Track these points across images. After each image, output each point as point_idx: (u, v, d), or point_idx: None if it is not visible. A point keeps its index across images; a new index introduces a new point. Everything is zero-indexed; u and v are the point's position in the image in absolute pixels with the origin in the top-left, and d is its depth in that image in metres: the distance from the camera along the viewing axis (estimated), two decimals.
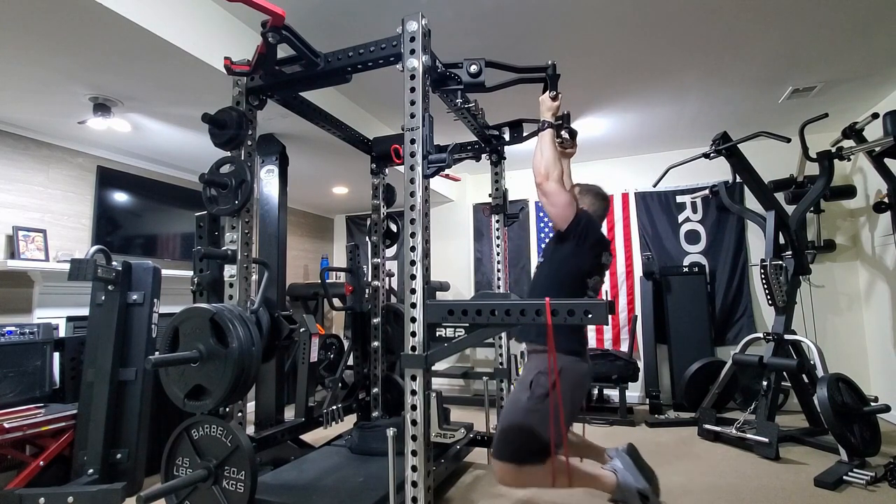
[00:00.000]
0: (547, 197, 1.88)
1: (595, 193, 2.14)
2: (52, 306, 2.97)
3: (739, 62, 2.91)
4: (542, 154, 1.90)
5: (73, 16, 1.85)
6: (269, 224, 3.17)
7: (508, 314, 1.51)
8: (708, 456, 2.93)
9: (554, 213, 1.90)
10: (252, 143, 2.03)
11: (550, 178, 1.86)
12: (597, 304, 1.40)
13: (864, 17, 2.47)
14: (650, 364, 4.15)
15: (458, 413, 3.94)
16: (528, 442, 1.80)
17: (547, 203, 1.90)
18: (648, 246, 4.53)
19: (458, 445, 2.64)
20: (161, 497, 1.56)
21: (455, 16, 2.38)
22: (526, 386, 1.87)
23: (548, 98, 2.01)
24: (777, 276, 3.21)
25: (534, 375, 1.86)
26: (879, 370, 3.75)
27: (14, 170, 2.97)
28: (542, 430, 1.78)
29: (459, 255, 5.23)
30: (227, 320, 1.63)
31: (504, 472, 1.83)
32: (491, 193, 2.93)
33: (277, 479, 2.20)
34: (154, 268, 2.44)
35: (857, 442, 2.63)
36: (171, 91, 2.55)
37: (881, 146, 3.08)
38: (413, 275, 1.60)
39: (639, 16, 2.43)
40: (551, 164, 1.87)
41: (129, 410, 2.29)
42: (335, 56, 1.89)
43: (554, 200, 1.87)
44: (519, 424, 1.83)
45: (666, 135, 4.14)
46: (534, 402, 1.82)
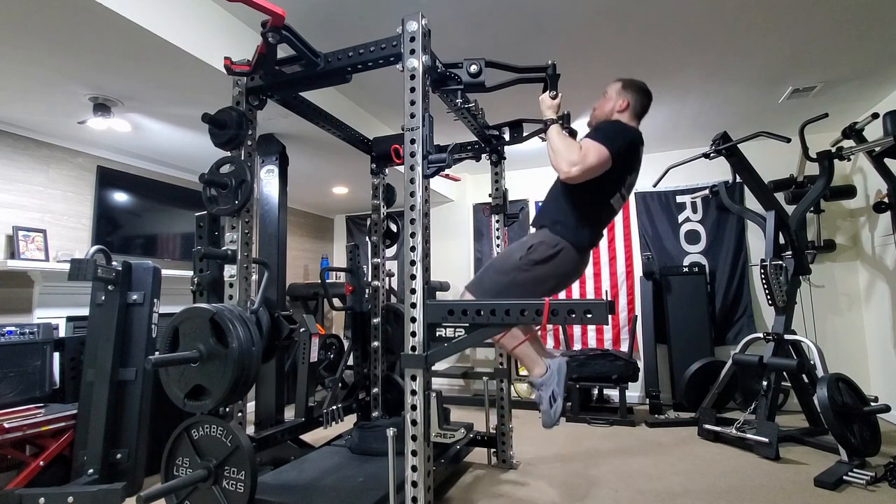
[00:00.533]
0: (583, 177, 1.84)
1: (640, 90, 2.10)
2: (52, 306, 2.97)
3: (740, 62, 2.91)
4: (555, 150, 1.89)
5: (73, 16, 1.85)
6: (269, 224, 3.17)
7: (508, 314, 1.51)
8: (708, 456, 2.93)
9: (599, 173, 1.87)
10: (252, 143, 2.03)
11: (574, 164, 1.82)
12: (597, 303, 1.40)
13: (864, 18, 2.47)
14: (650, 364, 4.15)
15: (458, 413, 3.94)
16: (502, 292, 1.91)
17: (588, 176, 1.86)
18: (648, 246, 4.53)
19: (458, 445, 2.64)
20: (161, 497, 1.56)
21: (455, 16, 2.38)
22: (526, 247, 1.96)
23: (548, 97, 2.01)
24: (777, 276, 3.21)
25: (537, 242, 1.96)
26: (879, 370, 3.75)
27: (14, 170, 2.97)
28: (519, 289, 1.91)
29: (459, 255, 5.23)
30: (227, 320, 1.63)
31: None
32: (491, 193, 2.93)
33: (277, 479, 2.20)
34: (154, 268, 2.44)
35: (857, 442, 2.63)
36: (171, 91, 2.55)
37: (881, 146, 3.08)
38: (413, 275, 1.60)
39: (639, 16, 2.43)
40: (568, 153, 1.84)
41: (129, 410, 2.29)
42: (335, 56, 1.89)
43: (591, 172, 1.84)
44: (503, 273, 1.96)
45: (666, 135, 4.14)
46: (525, 262, 1.93)
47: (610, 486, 2.49)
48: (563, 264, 1.95)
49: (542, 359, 1.99)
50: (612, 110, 2.09)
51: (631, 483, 2.53)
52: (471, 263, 5.17)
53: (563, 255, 1.94)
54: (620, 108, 2.07)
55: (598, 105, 2.16)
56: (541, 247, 1.94)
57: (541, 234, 2.00)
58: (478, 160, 2.98)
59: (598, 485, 2.51)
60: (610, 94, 2.12)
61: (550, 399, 1.91)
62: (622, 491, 2.42)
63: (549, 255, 1.93)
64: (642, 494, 2.37)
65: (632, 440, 3.29)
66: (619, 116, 2.08)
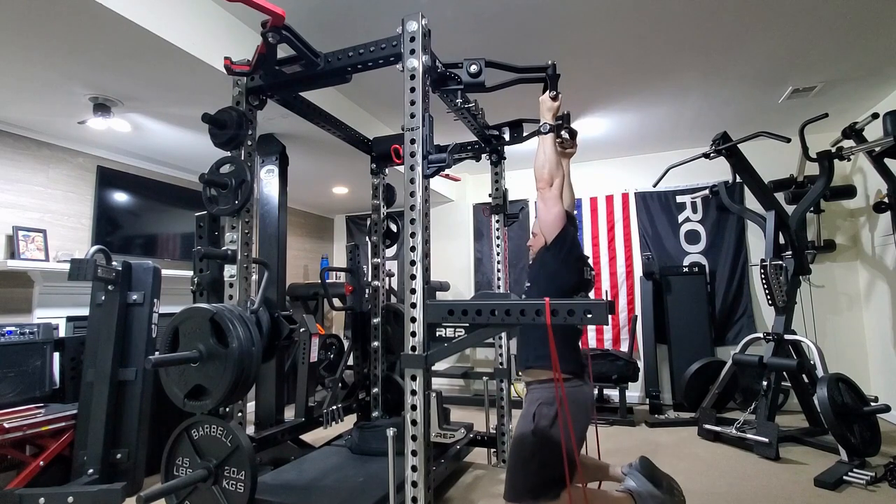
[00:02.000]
0: (545, 203, 1.87)
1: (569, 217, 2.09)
2: (52, 306, 2.97)
3: (740, 62, 2.91)
4: (546, 158, 1.89)
5: (73, 16, 1.85)
6: (269, 224, 3.17)
7: (508, 314, 1.51)
8: (708, 456, 2.93)
9: (548, 220, 1.88)
10: (252, 143, 2.03)
11: (554, 185, 1.85)
12: (597, 303, 1.40)
13: (864, 18, 2.47)
14: (650, 364, 4.15)
15: (458, 413, 3.94)
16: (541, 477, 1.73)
17: (544, 209, 1.88)
18: (648, 246, 4.53)
19: (458, 445, 2.64)
20: (161, 497, 1.56)
21: (455, 16, 2.38)
22: (529, 420, 1.80)
23: (548, 98, 2.01)
24: (777, 276, 3.21)
25: (536, 408, 1.81)
26: (879, 370, 3.75)
27: (14, 170, 2.97)
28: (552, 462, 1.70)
29: (459, 255, 5.23)
30: (227, 320, 1.63)
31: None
32: (491, 193, 2.93)
33: (277, 479, 2.20)
34: (154, 268, 2.44)
35: (857, 442, 2.63)
36: (171, 91, 2.55)
37: (881, 146, 3.08)
38: (413, 275, 1.60)
39: (639, 16, 2.43)
40: (555, 170, 1.86)
41: (129, 410, 2.29)
42: (335, 56, 1.89)
43: (550, 207, 1.86)
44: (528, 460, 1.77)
45: (666, 135, 4.14)
46: (540, 434, 1.76)
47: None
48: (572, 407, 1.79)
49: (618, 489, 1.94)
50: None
51: None
52: (471, 263, 5.17)
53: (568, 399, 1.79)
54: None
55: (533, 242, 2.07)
56: (542, 409, 1.79)
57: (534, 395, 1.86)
58: (478, 160, 2.98)
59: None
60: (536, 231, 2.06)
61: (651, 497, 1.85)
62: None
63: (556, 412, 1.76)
64: None
65: (632, 440, 3.29)
66: None
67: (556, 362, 1.59)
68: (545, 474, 1.72)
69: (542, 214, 1.90)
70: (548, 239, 1.89)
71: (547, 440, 1.74)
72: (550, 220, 1.88)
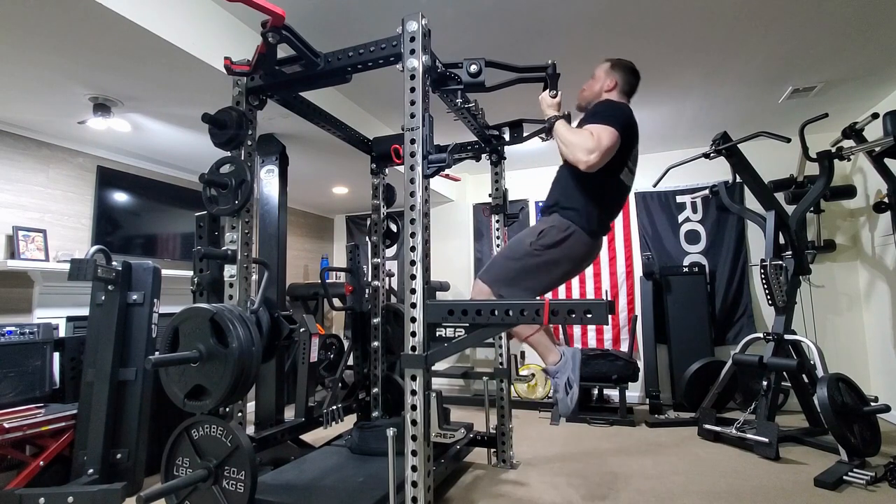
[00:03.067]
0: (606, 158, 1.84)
1: (628, 70, 2.11)
2: (52, 306, 2.97)
3: (739, 62, 2.91)
4: (570, 141, 1.87)
5: (73, 16, 1.85)
6: (269, 224, 3.17)
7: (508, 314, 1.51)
8: (708, 456, 2.93)
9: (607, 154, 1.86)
10: (252, 143, 2.03)
11: (591, 152, 1.81)
12: (597, 303, 1.40)
13: (864, 17, 2.47)
14: (650, 364, 4.15)
15: (458, 413, 3.94)
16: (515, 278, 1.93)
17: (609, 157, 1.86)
18: (648, 246, 4.53)
19: (458, 445, 2.64)
20: (161, 497, 1.56)
21: (455, 15, 2.38)
22: (536, 232, 1.96)
23: (548, 97, 2.02)
24: (777, 276, 3.21)
25: (547, 227, 1.96)
26: (879, 370, 3.75)
27: (14, 170, 2.97)
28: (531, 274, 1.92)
29: (459, 255, 5.23)
30: (227, 320, 1.63)
31: (481, 293, 1.96)
32: (491, 193, 2.93)
33: (277, 479, 2.20)
34: (154, 268, 2.44)
35: (857, 442, 2.63)
36: (171, 91, 2.55)
37: (881, 146, 3.08)
38: (413, 275, 1.60)
39: (639, 16, 2.43)
40: (582, 142, 1.83)
41: (129, 410, 2.29)
42: (335, 56, 1.89)
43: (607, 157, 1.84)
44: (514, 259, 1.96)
45: (666, 135, 4.14)
46: (536, 247, 1.92)
47: (610, 486, 2.49)
48: (574, 248, 1.94)
49: (556, 346, 1.99)
50: (601, 90, 2.10)
51: (631, 483, 2.53)
52: (471, 263, 5.17)
53: (574, 238, 1.93)
54: (609, 88, 2.09)
55: (587, 86, 2.16)
56: (551, 231, 1.93)
57: (551, 219, 1.99)
58: (478, 160, 2.98)
59: (598, 485, 2.51)
60: (598, 74, 2.13)
61: (566, 386, 1.92)
62: (622, 491, 2.42)
63: (560, 239, 1.92)
64: (642, 494, 2.37)
65: (632, 440, 3.29)
66: (608, 95, 2.08)
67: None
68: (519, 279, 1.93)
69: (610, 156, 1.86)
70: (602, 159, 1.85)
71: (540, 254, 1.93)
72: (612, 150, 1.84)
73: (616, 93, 2.09)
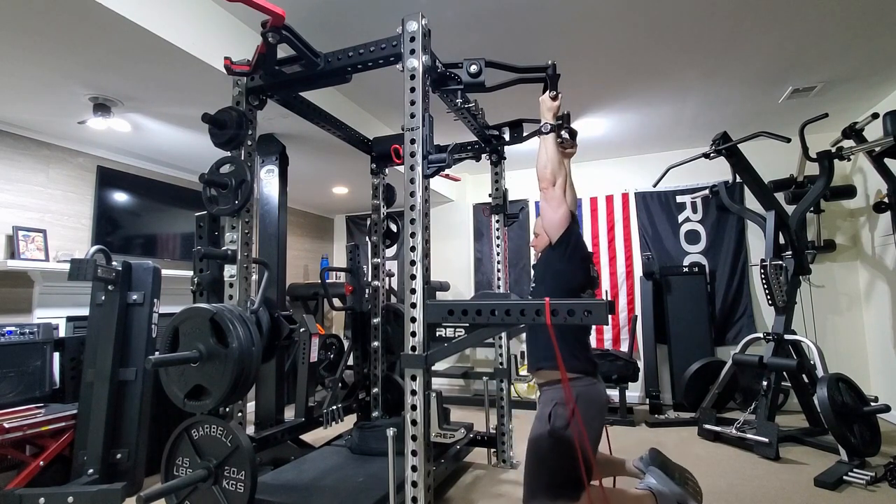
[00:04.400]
0: (549, 203, 1.87)
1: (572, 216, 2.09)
2: (52, 306, 2.97)
3: (739, 62, 2.91)
4: (548, 158, 1.89)
5: (73, 16, 1.85)
6: (269, 224, 3.17)
7: (508, 314, 1.51)
8: (708, 456, 2.93)
9: (553, 219, 1.88)
10: (252, 143, 2.03)
11: (557, 185, 1.85)
12: (597, 303, 1.40)
13: (864, 17, 2.47)
14: (650, 364, 4.15)
15: (458, 413, 3.94)
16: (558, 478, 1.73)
17: (548, 208, 1.88)
18: (648, 246, 4.53)
19: (458, 445, 2.64)
20: (161, 497, 1.56)
21: (455, 15, 2.38)
22: (545, 421, 1.79)
23: (548, 98, 2.01)
24: (777, 276, 3.21)
25: (551, 408, 1.80)
26: (879, 370, 3.75)
27: (14, 170, 2.97)
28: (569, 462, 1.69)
29: (459, 255, 5.23)
30: (227, 320, 1.63)
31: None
32: (491, 193, 2.93)
33: (277, 479, 2.20)
34: (154, 268, 2.44)
35: (857, 442, 2.63)
36: (171, 91, 2.55)
37: (881, 146, 3.08)
38: (413, 275, 1.60)
39: (639, 16, 2.43)
40: (557, 169, 1.87)
41: (129, 410, 2.29)
42: (335, 56, 1.89)
43: (555, 206, 1.86)
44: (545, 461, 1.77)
45: (666, 135, 4.14)
46: (557, 435, 1.75)
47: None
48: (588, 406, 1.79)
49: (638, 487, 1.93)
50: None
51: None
52: (471, 263, 5.17)
53: (582, 400, 1.78)
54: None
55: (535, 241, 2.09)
56: (557, 409, 1.79)
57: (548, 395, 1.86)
58: (478, 160, 2.98)
59: None
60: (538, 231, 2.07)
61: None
62: None
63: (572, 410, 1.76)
64: None
65: (632, 440, 3.29)
66: None
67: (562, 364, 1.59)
68: (562, 475, 1.72)
69: (546, 214, 1.90)
70: (552, 238, 1.89)
71: (563, 440, 1.72)
72: (556, 220, 1.87)
73: None
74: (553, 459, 1.74)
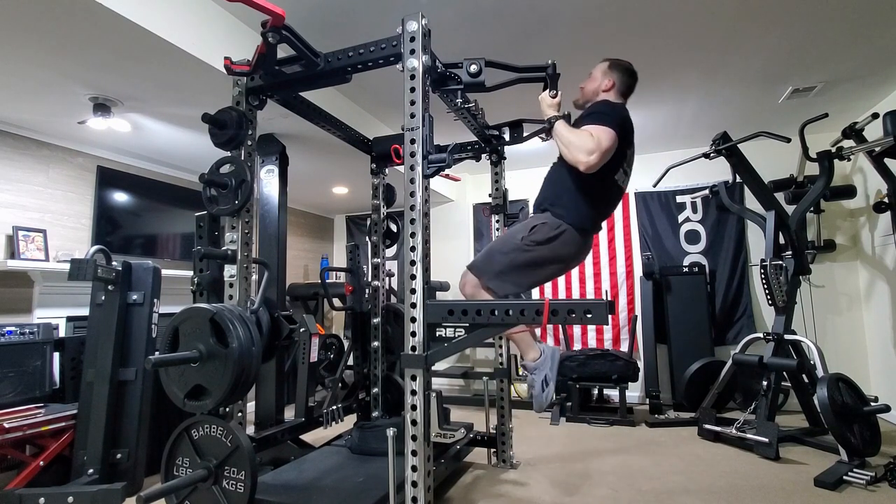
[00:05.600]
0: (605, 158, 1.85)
1: (625, 70, 2.12)
2: (52, 306, 2.97)
3: (739, 62, 2.91)
4: (569, 142, 1.88)
5: (73, 16, 1.85)
6: (269, 224, 3.17)
7: (508, 314, 1.51)
8: (708, 456, 2.93)
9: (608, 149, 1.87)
10: (252, 143, 2.03)
11: (592, 152, 1.81)
12: (597, 303, 1.40)
13: (864, 17, 2.47)
14: (650, 364, 4.15)
15: (458, 413, 3.94)
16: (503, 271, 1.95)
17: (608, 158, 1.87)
18: (648, 246, 4.53)
19: (458, 445, 2.64)
20: (161, 497, 1.56)
21: (455, 15, 2.38)
22: (528, 227, 1.98)
23: (548, 97, 2.02)
24: (777, 276, 3.21)
25: (539, 223, 1.98)
26: (879, 370, 3.75)
27: (14, 170, 2.97)
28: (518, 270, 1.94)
29: (459, 255, 5.23)
30: (227, 320, 1.63)
31: (469, 283, 2.01)
32: (491, 193, 2.93)
33: (277, 479, 2.20)
34: (154, 268, 2.44)
35: (857, 442, 2.63)
36: (171, 91, 2.55)
37: (881, 146, 3.08)
38: (413, 275, 1.60)
39: (639, 15, 2.43)
40: (582, 143, 1.84)
41: (129, 410, 2.29)
42: (335, 56, 1.89)
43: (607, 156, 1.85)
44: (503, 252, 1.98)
45: (666, 135, 4.14)
46: (526, 242, 1.95)
47: (610, 486, 2.49)
48: (564, 246, 1.96)
49: (537, 343, 2.01)
50: (598, 90, 2.11)
51: (631, 483, 2.53)
52: None
53: (565, 237, 1.94)
54: (606, 88, 2.10)
55: (586, 84, 2.18)
56: (543, 227, 1.95)
57: (543, 216, 2.01)
58: (478, 160, 2.98)
59: (598, 485, 2.51)
60: (595, 74, 2.15)
61: (543, 383, 1.94)
62: (622, 491, 2.42)
63: (551, 237, 1.93)
64: (642, 494, 2.37)
65: (632, 440, 3.29)
66: (605, 96, 2.10)
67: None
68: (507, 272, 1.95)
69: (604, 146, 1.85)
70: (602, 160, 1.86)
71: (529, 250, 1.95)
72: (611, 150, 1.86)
73: (613, 93, 2.10)
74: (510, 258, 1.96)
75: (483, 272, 1.98)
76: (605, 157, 1.84)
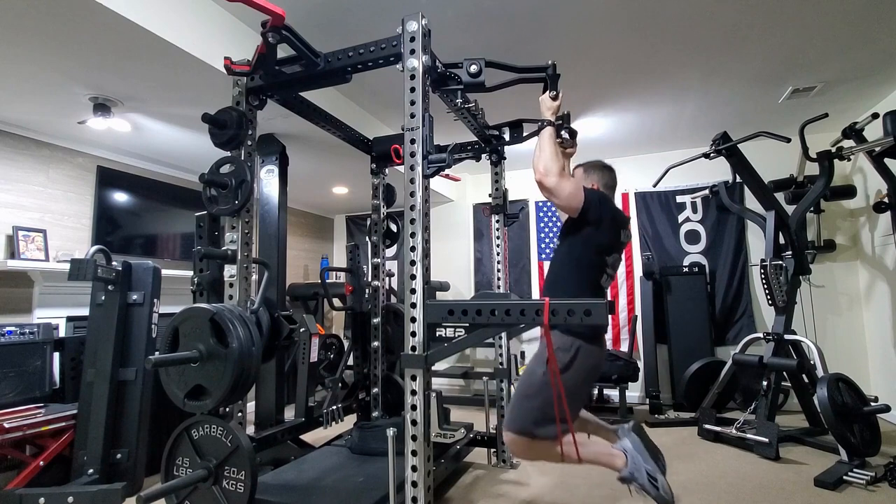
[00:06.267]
0: (549, 192, 1.88)
1: (600, 167, 2.15)
2: (52, 306, 2.97)
3: (739, 62, 2.91)
4: (541, 151, 1.90)
5: (73, 16, 1.85)
6: (269, 224, 3.17)
7: (508, 314, 1.51)
8: (708, 456, 2.93)
9: (562, 204, 1.91)
10: (252, 143, 2.03)
11: (549, 174, 1.85)
12: (597, 303, 1.40)
13: (864, 17, 2.47)
14: (650, 364, 4.15)
15: (458, 413, 3.94)
16: (542, 413, 1.82)
17: (552, 197, 1.89)
18: (648, 246, 4.53)
19: (458, 445, 2.64)
20: (161, 497, 1.56)
21: (455, 15, 2.38)
22: (543, 360, 1.86)
23: (548, 98, 2.01)
24: (777, 276, 3.21)
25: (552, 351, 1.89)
26: (879, 370, 3.75)
27: (14, 170, 2.97)
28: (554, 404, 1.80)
29: (459, 255, 5.23)
30: (227, 320, 1.63)
31: (516, 443, 1.87)
32: (491, 193, 2.93)
33: (277, 479, 2.20)
34: (154, 268, 2.44)
35: (857, 442, 2.63)
36: (171, 91, 2.55)
37: (881, 146, 3.08)
38: (413, 275, 1.60)
39: (639, 16, 2.43)
40: (549, 160, 1.87)
41: (129, 410, 2.29)
42: (335, 56, 1.89)
43: (557, 193, 1.87)
44: (534, 396, 1.85)
45: (666, 135, 4.14)
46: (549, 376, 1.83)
47: (610, 486, 2.49)
48: (585, 361, 1.87)
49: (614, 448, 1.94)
50: None
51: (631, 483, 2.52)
52: (471, 263, 5.17)
53: (582, 353, 1.86)
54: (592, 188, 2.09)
55: None
56: (557, 353, 1.84)
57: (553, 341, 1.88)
58: (478, 160, 2.98)
59: (599, 485, 2.51)
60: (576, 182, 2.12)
61: (650, 481, 1.84)
62: (622, 491, 2.42)
63: (569, 360, 1.85)
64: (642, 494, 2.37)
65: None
66: None
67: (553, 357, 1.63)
68: (547, 412, 1.80)
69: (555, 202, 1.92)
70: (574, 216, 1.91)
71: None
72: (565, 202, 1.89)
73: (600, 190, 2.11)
74: (541, 396, 1.83)
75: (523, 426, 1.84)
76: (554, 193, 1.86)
